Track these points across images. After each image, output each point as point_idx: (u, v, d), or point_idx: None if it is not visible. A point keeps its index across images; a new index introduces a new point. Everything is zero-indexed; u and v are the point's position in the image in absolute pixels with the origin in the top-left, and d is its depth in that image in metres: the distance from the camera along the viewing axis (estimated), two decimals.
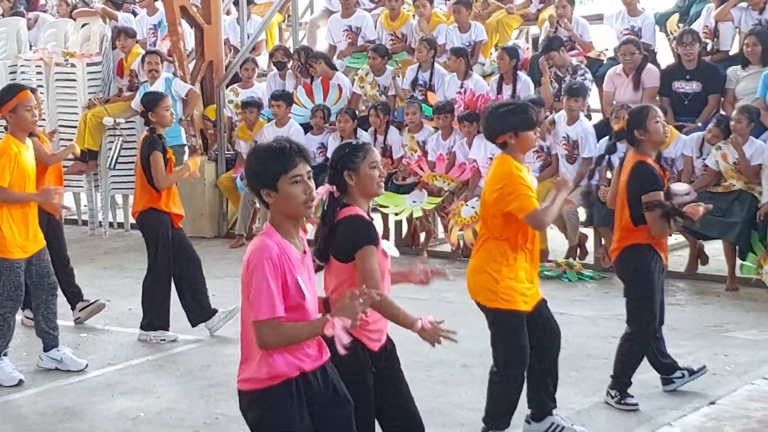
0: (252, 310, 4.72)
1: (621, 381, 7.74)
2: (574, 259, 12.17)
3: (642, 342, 7.67)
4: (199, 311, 9.88)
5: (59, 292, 9.14)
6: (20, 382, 8.67)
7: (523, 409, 7.17)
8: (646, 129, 7.45)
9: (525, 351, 6.90)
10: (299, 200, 4.79)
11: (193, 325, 9.89)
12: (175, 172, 9.70)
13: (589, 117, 12.87)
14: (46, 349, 8.99)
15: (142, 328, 9.80)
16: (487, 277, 6.86)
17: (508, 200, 6.70)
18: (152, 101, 9.78)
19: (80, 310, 10.27)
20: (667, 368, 8.01)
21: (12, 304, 8.70)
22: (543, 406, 7.16)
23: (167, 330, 9.79)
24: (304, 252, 4.92)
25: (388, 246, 5.72)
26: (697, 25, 13.03)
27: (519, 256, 6.83)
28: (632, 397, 7.71)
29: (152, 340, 9.72)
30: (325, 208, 5.74)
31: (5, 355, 8.75)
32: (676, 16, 13.66)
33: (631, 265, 7.67)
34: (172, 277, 9.84)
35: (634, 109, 7.96)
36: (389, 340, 5.90)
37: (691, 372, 8.01)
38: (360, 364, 5.66)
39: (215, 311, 9.89)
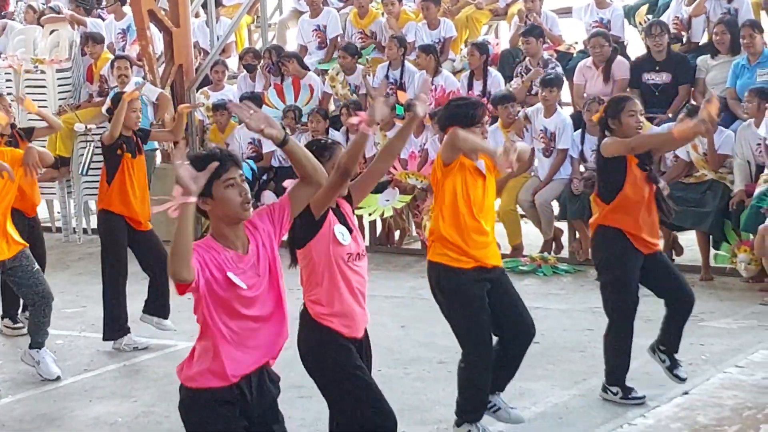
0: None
1: (617, 375, 7.68)
2: (549, 254, 12.20)
3: (621, 329, 7.62)
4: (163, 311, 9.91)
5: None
6: None
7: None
8: (620, 121, 7.50)
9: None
10: (236, 203, 4.80)
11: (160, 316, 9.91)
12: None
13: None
14: (31, 347, 8.99)
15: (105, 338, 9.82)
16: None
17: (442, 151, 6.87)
18: (117, 101, 9.79)
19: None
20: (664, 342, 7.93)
21: None
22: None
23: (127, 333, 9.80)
24: (246, 252, 4.88)
25: (341, 232, 5.69)
26: (666, 17, 13.06)
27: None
28: (635, 390, 7.68)
29: (125, 348, 9.71)
30: None
31: None
32: (645, 7, 13.70)
33: (600, 248, 7.69)
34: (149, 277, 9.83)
35: (614, 97, 8.02)
36: (366, 336, 5.87)
37: (672, 368, 7.89)
38: (341, 346, 5.66)
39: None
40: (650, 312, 8.24)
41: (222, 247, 4.83)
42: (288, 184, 5.48)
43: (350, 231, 5.75)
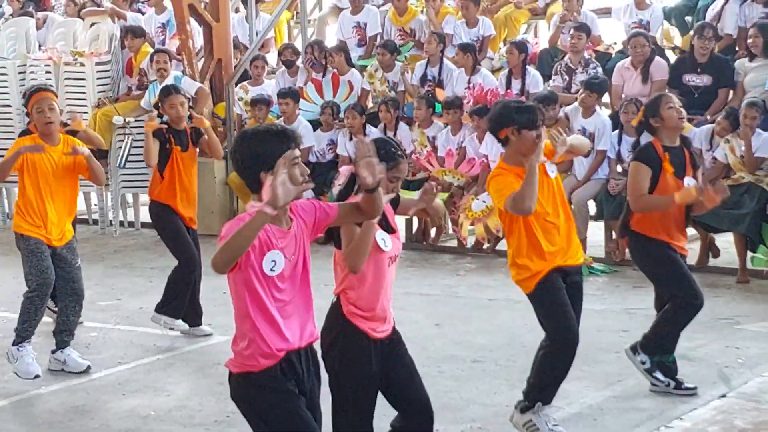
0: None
1: (661, 344, 7.68)
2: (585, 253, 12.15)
3: (687, 310, 7.56)
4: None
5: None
6: (36, 377, 8.69)
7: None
8: (660, 116, 7.51)
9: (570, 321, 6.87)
10: (297, 182, 4.80)
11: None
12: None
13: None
14: (55, 349, 9.01)
15: (156, 309, 9.83)
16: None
17: (492, 194, 6.82)
18: (160, 95, 9.88)
19: None
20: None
21: (41, 289, 8.69)
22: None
23: (177, 318, 9.80)
24: (290, 228, 4.93)
25: (382, 238, 5.69)
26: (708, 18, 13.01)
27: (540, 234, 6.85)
28: (660, 372, 7.71)
29: (160, 323, 9.74)
30: (341, 192, 5.74)
31: (29, 343, 8.80)
32: (668, 30, 13.63)
33: (636, 254, 7.77)
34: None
35: (650, 99, 8.00)
36: (395, 331, 5.86)
37: (678, 386, 7.85)
38: (362, 349, 5.66)
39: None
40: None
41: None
42: (344, 171, 5.51)
43: (392, 231, 5.74)
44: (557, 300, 6.85)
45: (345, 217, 5.18)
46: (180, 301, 9.73)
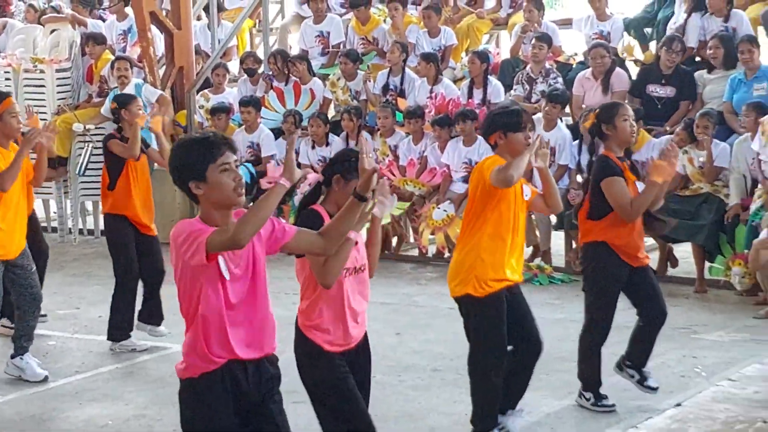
0: (197, 252, 4.67)
1: (589, 381, 7.73)
2: (542, 262, 12.19)
3: (597, 336, 7.66)
4: (150, 314, 9.86)
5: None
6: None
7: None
8: (614, 125, 7.49)
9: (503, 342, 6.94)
10: (229, 188, 4.76)
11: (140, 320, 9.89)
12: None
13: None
14: (14, 355, 8.96)
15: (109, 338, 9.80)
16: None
17: (485, 175, 6.79)
18: (125, 100, 9.79)
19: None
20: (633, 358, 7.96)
21: None
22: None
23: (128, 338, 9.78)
24: None
25: None
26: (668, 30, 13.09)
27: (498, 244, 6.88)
28: (607, 397, 7.71)
29: (126, 349, 9.69)
30: (304, 199, 5.75)
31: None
32: (630, 45, 13.67)
33: (589, 261, 7.72)
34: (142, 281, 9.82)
35: (606, 103, 8.01)
36: (364, 340, 5.86)
37: (643, 381, 7.88)
38: (332, 369, 5.65)
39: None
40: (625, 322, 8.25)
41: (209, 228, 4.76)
42: (312, 178, 5.51)
43: (353, 244, 5.70)
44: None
45: (303, 243, 5.11)
46: (127, 315, 9.71)
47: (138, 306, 9.86)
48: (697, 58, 12.86)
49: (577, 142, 12.08)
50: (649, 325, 7.73)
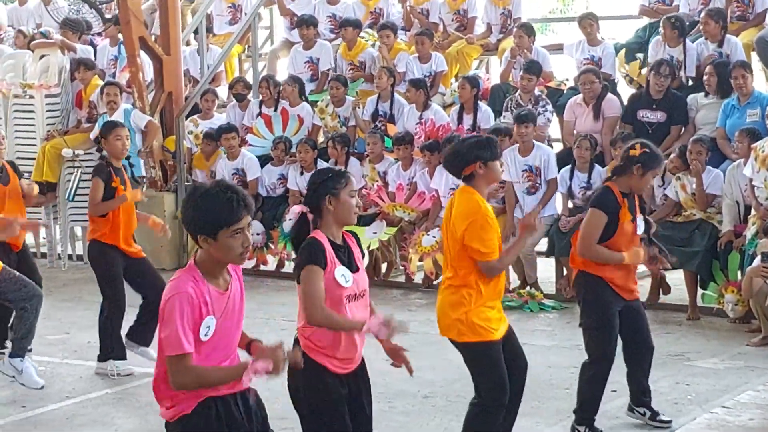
0: (161, 346, 4.77)
1: (586, 413, 7.70)
2: (533, 289, 12.14)
3: (600, 370, 7.64)
4: (143, 335, 9.80)
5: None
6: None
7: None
8: (643, 175, 7.46)
9: (505, 380, 6.82)
10: (236, 252, 4.80)
11: (134, 341, 9.82)
12: (109, 201, 9.51)
13: (550, 146, 12.87)
14: (11, 356, 8.91)
15: (98, 359, 9.73)
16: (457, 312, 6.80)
17: (473, 237, 6.65)
18: (105, 129, 9.76)
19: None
20: (636, 397, 7.96)
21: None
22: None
23: (124, 359, 9.70)
24: (227, 289, 4.90)
25: (342, 274, 5.67)
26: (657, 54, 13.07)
27: (485, 287, 6.79)
28: (601, 431, 7.67)
29: (108, 373, 9.62)
30: (295, 233, 5.74)
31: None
32: (622, 54, 13.65)
33: (583, 290, 7.68)
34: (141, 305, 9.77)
35: (653, 151, 7.59)
36: (362, 366, 5.86)
37: (654, 416, 7.92)
38: (329, 390, 5.68)
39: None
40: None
41: (205, 282, 4.81)
42: (295, 210, 5.54)
43: (355, 270, 5.73)
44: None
45: None
46: (118, 342, 9.66)
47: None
48: (690, 83, 12.86)
49: (569, 167, 12.10)
50: (637, 360, 7.76)
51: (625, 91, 13.41)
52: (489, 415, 6.82)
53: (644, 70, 13.07)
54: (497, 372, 6.75)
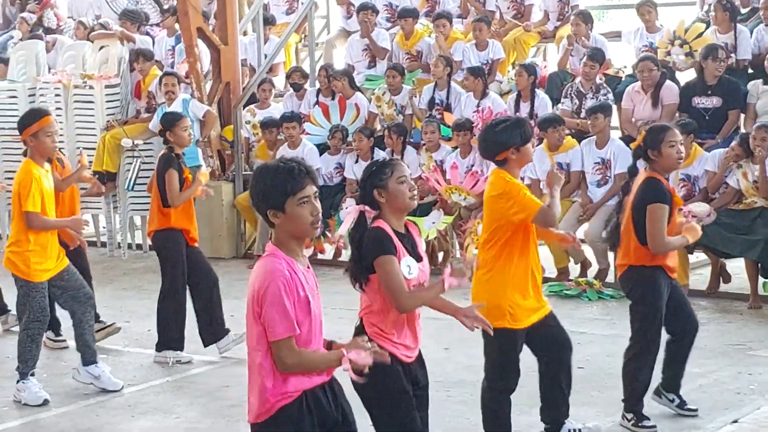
0: (269, 330, 4.73)
1: (633, 403, 7.66)
2: (596, 279, 12.08)
3: (648, 361, 7.60)
4: (211, 331, 9.86)
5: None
6: (45, 402, 8.69)
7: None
8: (660, 152, 7.40)
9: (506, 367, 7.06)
10: (306, 221, 4.81)
11: (205, 345, 9.88)
12: (187, 190, 9.68)
13: None
14: (85, 363, 8.99)
15: (156, 349, 9.80)
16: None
17: (512, 211, 6.82)
18: (170, 121, 9.81)
19: (96, 332, 10.24)
20: (668, 383, 7.93)
21: (38, 325, 8.71)
22: (556, 415, 7.28)
23: (181, 350, 9.78)
24: (308, 267, 4.94)
25: (408, 264, 5.71)
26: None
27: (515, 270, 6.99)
28: (648, 419, 7.62)
29: (167, 361, 9.69)
30: (354, 228, 5.78)
31: (32, 375, 8.76)
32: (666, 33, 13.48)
33: (636, 285, 7.63)
34: (191, 297, 9.85)
35: (654, 127, 7.79)
36: (420, 354, 5.96)
37: (683, 405, 7.89)
38: (399, 377, 5.77)
39: (227, 331, 9.86)
40: (697, 339, 8.15)
41: (293, 260, 4.83)
42: (352, 210, 5.59)
43: (420, 259, 5.79)
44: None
45: None
46: (177, 331, 9.75)
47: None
48: (750, 70, 12.74)
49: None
50: (681, 341, 7.72)
51: (684, 78, 13.28)
52: (490, 392, 7.19)
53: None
54: (502, 358, 7.07)
